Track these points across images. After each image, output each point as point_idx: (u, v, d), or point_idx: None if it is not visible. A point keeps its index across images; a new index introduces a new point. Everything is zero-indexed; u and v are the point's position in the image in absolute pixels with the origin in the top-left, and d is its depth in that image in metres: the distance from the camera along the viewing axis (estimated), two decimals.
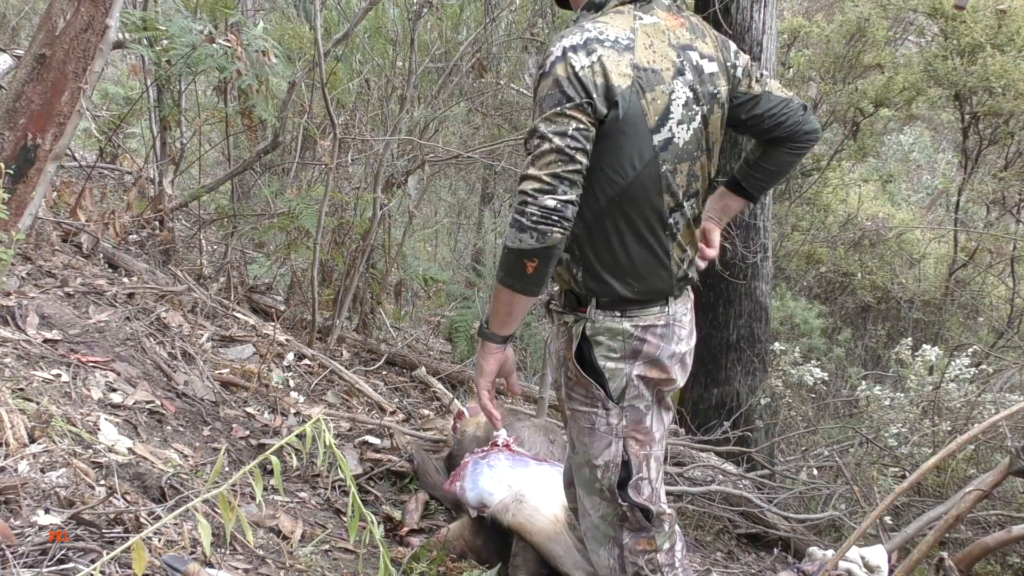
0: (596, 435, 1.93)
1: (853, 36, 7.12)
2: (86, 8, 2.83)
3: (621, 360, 1.89)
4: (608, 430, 1.92)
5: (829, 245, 7.41)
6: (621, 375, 1.90)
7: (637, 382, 1.91)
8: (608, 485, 1.95)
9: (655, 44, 1.86)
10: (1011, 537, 2.84)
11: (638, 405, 1.92)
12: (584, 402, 1.93)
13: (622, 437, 1.93)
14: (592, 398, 1.91)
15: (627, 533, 1.98)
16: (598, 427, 1.93)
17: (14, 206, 2.80)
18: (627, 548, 1.98)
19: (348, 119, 4.83)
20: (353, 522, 1.52)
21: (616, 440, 1.93)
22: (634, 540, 1.98)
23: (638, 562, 1.98)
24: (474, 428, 3.03)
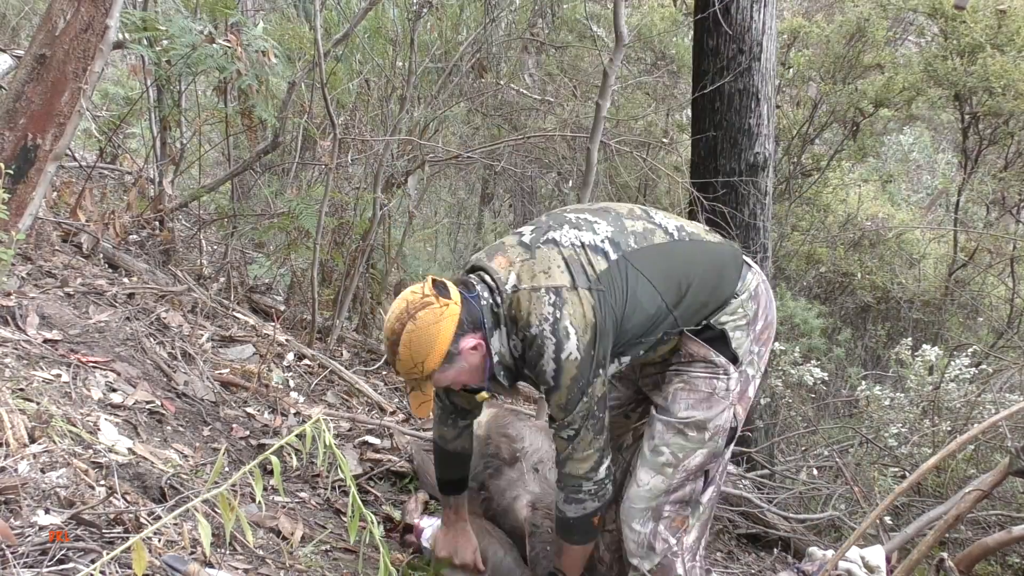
0: (715, 399, 2.13)
1: (853, 36, 7.11)
2: (86, 8, 2.83)
3: (747, 327, 2.14)
4: (726, 395, 2.13)
5: (829, 245, 7.41)
6: (744, 338, 2.14)
7: (753, 346, 2.16)
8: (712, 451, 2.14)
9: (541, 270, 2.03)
10: (1011, 537, 2.85)
11: (749, 372, 2.16)
12: (704, 372, 2.13)
13: (734, 404, 2.15)
14: (713, 365, 2.12)
15: (668, 507, 2.16)
16: (718, 391, 2.13)
17: (14, 206, 2.80)
18: (663, 521, 2.16)
19: (348, 119, 4.83)
20: (353, 522, 1.52)
21: (730, 407, 2.14)
22: (673, 514, 2.16)
23: (669, 539, 2.16)
24: (475, 428, 3.02)
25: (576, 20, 6.49)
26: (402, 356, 1.97)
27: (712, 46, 4.70)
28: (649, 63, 7.77)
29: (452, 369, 2.02)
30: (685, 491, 2.16)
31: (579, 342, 1.96)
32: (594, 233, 2.08)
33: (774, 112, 4.95)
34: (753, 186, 4.67)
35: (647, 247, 2.09)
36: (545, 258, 2.03)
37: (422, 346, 1.95)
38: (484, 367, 2.05)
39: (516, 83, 6.56)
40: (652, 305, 2.05)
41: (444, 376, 2.03)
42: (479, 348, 2.02)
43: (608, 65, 3.42)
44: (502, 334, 2.04)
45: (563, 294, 1.97)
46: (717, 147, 4.72)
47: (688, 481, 2.16)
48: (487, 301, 2.04)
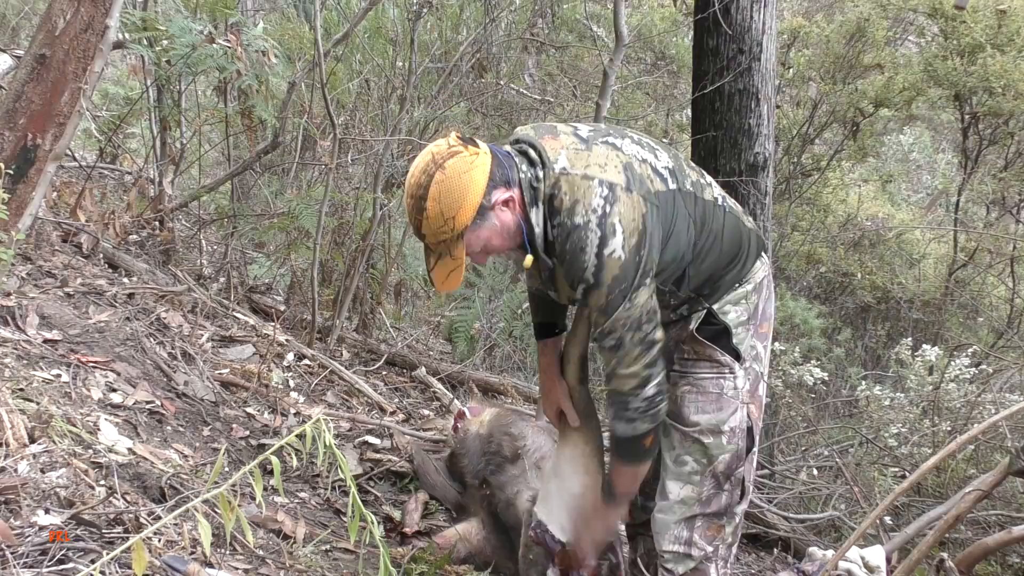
0: (724, 400, 2.06)
1: (853, 36, 7.11)
2: (86, 8, 2.83)
3: (747, 323, 2.07)
4: (735, 394, 2.06)
5: (829, 245, 7.41)
6: (746, 335, 2.07)
7: (754, 341, 2.09)
8: (734, 451, 2.07)
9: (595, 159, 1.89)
10: (1011, 537, 2.84)
11: (756, 368, 2.09)
12: (709, 372, 2.07)
13: (746, 403, 2.08)
14: (718, 365, 2.06)
15: (701, 518, 2.10)
16: (726, 392, 2.06)
17: (14, 206, 2.80)
18: (697, 531, 2.10)
19: (348, 119, 4.83)
20: (353, 522, 1.52)
21: (742, 406, 2.07)
22: (706, 524, 2.10)
23: (706, 548, 2.10)
24: (477, 427, 3.03)
25: (576, 20, 6.48)
26: (430, 213, 1.76)
27: (712, 46, 4.70)
28: (649, 63, 7.77)
29: (484, 227, 1.84)
30: (721, 502, 2.10)
31: (625, 242, 1.80)
32: (656, 158, 1.97)
33: (774, 112, 4.95)
34: (753, 186, 4.67)
35: (696, 196, 1.99)
36: (603, 154, 1.88)
37: (453, 198, 1.75)
38: (517, 229, 1.87)
39: (516, 83, 6.55)
40: (682, 247, 1.95)
41: (476, 236, 1.84)
42: (511, 204, 1.85)
43: (608, 65, 3.42)
44: (539, 213, 1.87)
45: (617, 191, 1.82)
46: (717, 147, 4.71)
47: (720, 489, 2.09)
48: (526, 175, 1.87)
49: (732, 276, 2.06)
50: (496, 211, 1.83)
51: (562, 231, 1.84)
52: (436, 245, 1.83)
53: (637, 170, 1.89)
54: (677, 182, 1.96)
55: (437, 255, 1.84)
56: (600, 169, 1.85)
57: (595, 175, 1.84)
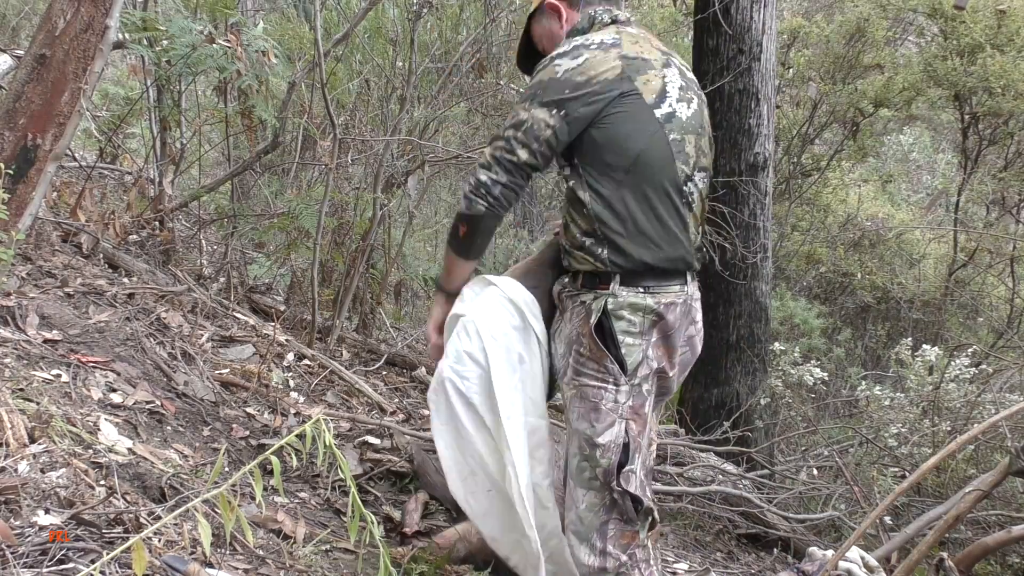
0: (602, 413, 2.00)
1: (853, 36, 7.12)
2: (86, 8, 2.83)
3: (640, 336, 1.98)
4: (614, 408, 1.99)
5: (829, 245, 7.41)
6: (637, 350, 1.98)
7: (649, 360, 2.00)
8: (606, 466, 2.00)
9: (640, 43, 2.05)
10: (1011, 537, 2.85)
11: (643, 387, 2.01)
12: (595, 377, 2.00)
13: (625, 419, 2.00)
14: (604, 372, 1.99)
15: (612, 524, 2.03)
16: (605, 404, 1.99)
17: (14, 206, 2.80)
18: (610, 540, 2.02)
19: (348, 119, 4.83)
20: (353, 522, 1.52)
21: (620, 420, 1.99)
22: (619, 531, 2.03)
23: (620, 557, 2.02)
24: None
25: None
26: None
27: (712, 46, 4.70)
28: None
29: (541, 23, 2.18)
30: (624, 509, 2.02)
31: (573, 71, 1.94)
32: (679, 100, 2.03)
33: (774, 112, 4.95)
34: (753, 186, 4.67)
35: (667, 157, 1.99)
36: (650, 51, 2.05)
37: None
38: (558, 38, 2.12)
39: (516, 83, 6.55)
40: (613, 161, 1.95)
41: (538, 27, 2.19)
42: (559, 14, 2.14)
43: None
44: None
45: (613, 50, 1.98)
46: (717, 147, 4.71)
47: (606, 496, 2.02)
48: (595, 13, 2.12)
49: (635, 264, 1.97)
50: (548, 12, 2.16)
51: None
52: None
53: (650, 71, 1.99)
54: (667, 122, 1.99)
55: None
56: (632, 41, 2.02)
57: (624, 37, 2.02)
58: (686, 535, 3.66)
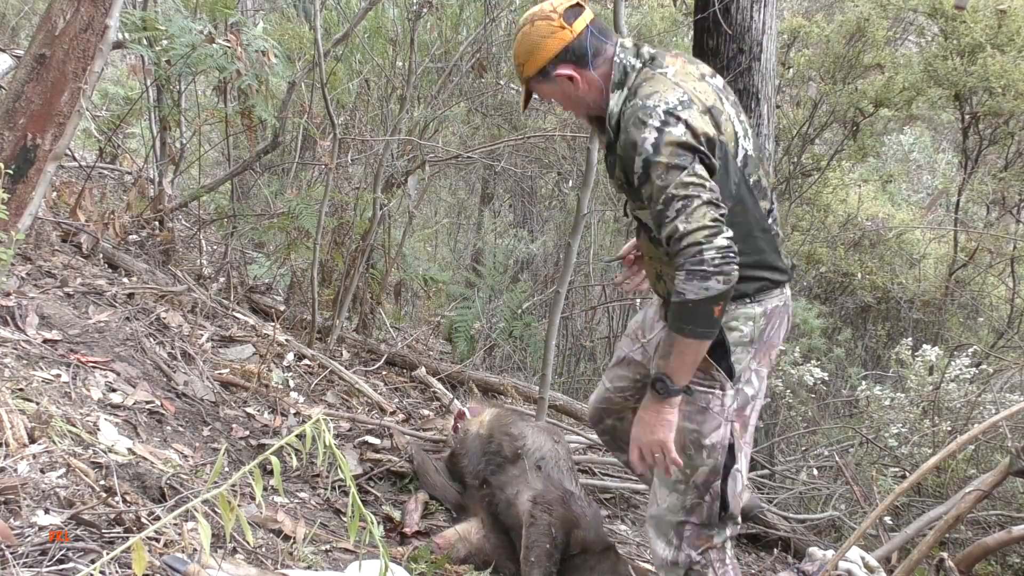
0: (709, 415, 2.09)
1: (853, 36, 7.11)
2: (86, 8, 2.83)
3: (749, 344, 2.09)
4: (721, 411, 2.09)
5: (829, 245, 7.40)
6: (744, 356, 2.09)
7: (752, 364, 2.11)
8: (712, 466, 2.10)
9: (696, 86, 2.03)
10: (1011, 537, 2.85)
11: (747, 391, 2.11)
12: (703, 384, 2.08)
13: (731, 421, 2.09)
14: (711, 380, 2.08)
15: (689, 527, 2.13)
16: (712, 407, 2.08)
17: (14, 206, 2.80)
18: (686, 540, 2.13)
19: (348, 119, 4.83)
20: (353, 522, 1.52)
21: (726, 423, 2.09)
22: (695, 534, 2.13)
23: (693, 555, 2.13)
24: (477, 427, 3.03)
25: None
26: (516, 50, 2.13)
27: (712, 46, 4.70)
28: None
29: (548, 86, 2.11)
30: (703, 513, 2.12)
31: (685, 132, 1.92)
32: (745, 137, 2.10)
33: (774, 112, 4.95)
34: None
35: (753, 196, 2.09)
36: (706, 90, 2.04)
37: (526, 51, 2.09)
38: (586, 102, 2.11)
39: (516, 83, 6.55)
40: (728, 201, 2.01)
41: (542, 89, 2.14)
42: (575, 81, 2.07)
43: None
44: (620, 96, 2.05)
45: (694, 106, 1.96)
46: None
47: (702, 500, 2.12)
48: (623, 61, 2.07)
49: (747, 287, 2.05)
50: (559, 81, 2.09)
51: (632, 109, 1.98)
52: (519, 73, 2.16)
53: (722, 119, 2.02)
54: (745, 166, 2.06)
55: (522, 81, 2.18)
56: (694, 89, 2.00)
57: (685, 86, 1.99)
58: None
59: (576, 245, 3.55)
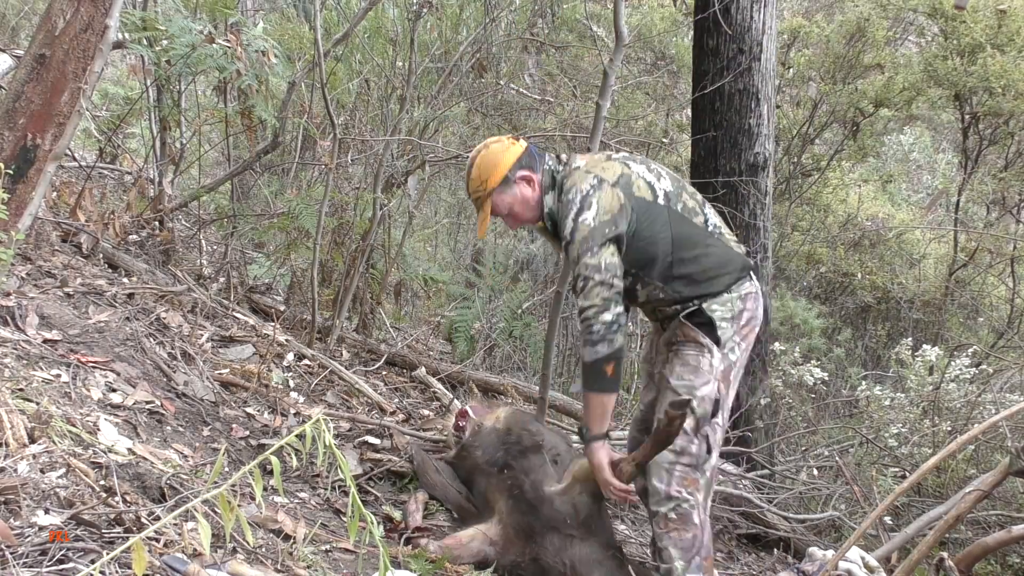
0: (700, 372, 2.49)
1: (853, 36, 7.11)
2: (86, 8, 2.83)
3: (731, 320, 2.52)
4: (710, 370, 2.50)
5: (829, 245, 7.40)
6: (729, 328, 2.52)
7: (735, 337, 2.52)
8: (700, 415, 2.48)
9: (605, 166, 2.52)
10: (1011, 537, 2.85)
11: (731, 357, 2.52)
12: (693, 350, 2.51)
13: (717, 380, 2.50)
14: (700, 346, 2.51)
15: (679, 467, 2.48)
16: (703, 366, 2.50)
17: (14, 206, 2.80)
18: (676, 479, 2.48)
19: (348, 119, 4.83)
20: (353, 522, 1.52)
21: (713, 381, 2.49)
22: (683, 474, 2.48)
23: (682, 493, 2.49)
24: (493, 422, 3.04)
25: (576, 20, 6.48)
26: (473, 175, 2.55)
27: (712, 46, 4.70)
28: (649, 63, 7.77)
29: (508, 194, 2.54)
30: (692, 453, 2.48)
31: (597, 216, 2.40)
32: (658, 180, 2.56)
33: (774, 112, 4.95)
34: (753, 186, 4.67)
35: (686, 219, 2.54)
36: (612, 165, 2.53)
37: (488, 166, 2.53)
38: (535, 203, 2.56)
39: (516, 83, 6.55)
40: (659, 249, 2.49)
41: (502, 199, 2.55)
42: (531, 182, 2.54)
43: (608, 65, 3.41)
44: (552, 196, 2.55)
45: (604, 184, 2.45)
46: (717, 147, 4.71)
47: (690, 443, 2.48)
48: (550, 167, 2.57)
49: (716, 287, 2.52)
50: (518, 184, 2.54)
51: (560, 205, 2.50)
52: (476, 201, 2.58)
53: (632, 180, 2.51)
54: (668, 202, 2.53)
55: (477, 206, 2.60)
56: (601, 170, 2.51)
57: (594, 172, 2.50)
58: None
59: None
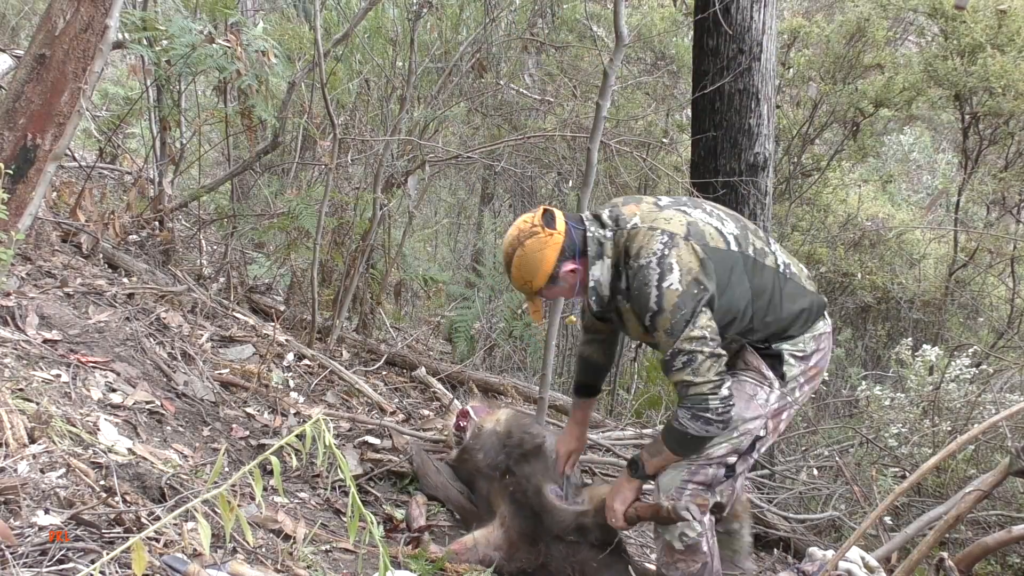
0: (752, 405, 2.37)
1: (853, 36, 7.11)
2: (86, 8, 2.83)
3: (802, 359, 2.42)
4: (763, 404, 2.38)
5: (829, 245, 7.40)
6: (796, 367, 2.41)
7: (801, 377, 2.42)
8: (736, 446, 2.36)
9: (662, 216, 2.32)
10: (1011, 537, 2.84)
11: (788, 398, 2.41)
12: (754, 379, 2.39)
13: (767, 417, 2.38)
14: (763, 377, 2.39)
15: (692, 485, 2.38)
16: (758, 398, 2.38)
17: (14, 206, 2.80)
18: (687, 496, 2.38)
19: (348, 119, 4.83)
20: (353, 522, 1.52)
21: (763, 418, 2.38)
22: (693, 494, 2.37)
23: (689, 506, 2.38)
24: (493, 424, 3.03)
25: (576, 20, 6.48)
26: (514, 276, 2.37)
27: (712, 46, 4.70)
28: (649, 63, 7.76)
29: (556, 288, 2.37)
30: (708, 474, 2.37)
31: (682, 278, 2.21)
32: (722, 224, 2.37)
33: (774, 112, 4.95)
34: (753, 186, 4.67)
35: (760, 263, 2.37)
36: (671, 215, 2.33)
37: (529, 268, 2.33)
38: (583, 284, 2.37)
39: (516, 83, 6.55)
40: (739, 303, 2.31)
41: (551, 292, 2.39)
42: (576, 272, 2.35)
43: (608, 65, 3.41)
44: (604, 264, 2.34)
45: (676, 239, 2.25)
46: (717, 147, 4.71)
47: (709, 467, 2.37)
48: (593, 234, 2.35)
49: (792, 331, 2.41)
50: (564, 276, 2.35)
51: (631, 272, 2.29)
52: (522, 292, 2.42)
53: (700, 228, 2.31)
54: (740, 247, 2.34)
55: (526, 297, 2.45)
56: (665, 222, 2.30)
57: (659, 227, 2.29)
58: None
59: None
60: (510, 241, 2.36)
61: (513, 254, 2.34)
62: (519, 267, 2.33)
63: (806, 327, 2.42)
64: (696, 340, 2.21)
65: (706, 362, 2.22)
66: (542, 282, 2.34)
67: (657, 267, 2.23)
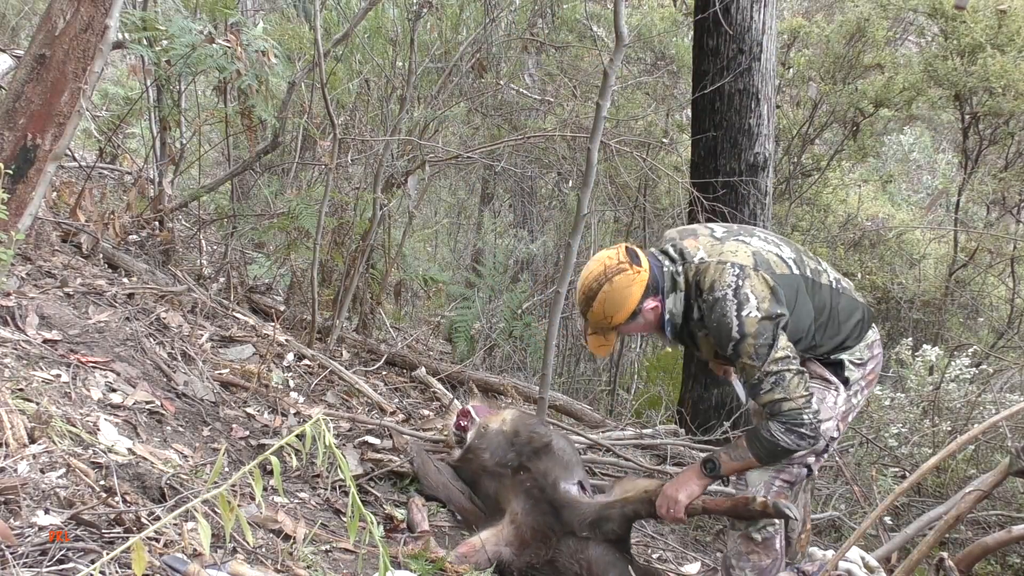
0: (825, 407, 2.50)
1: (853, 36, 7.11)
2: (86, 8, 2.83)
3: (860, 365, 2.57)
4: (833, 407, 2.52)
5: (829, 245, 7.40)
6: (856, 372, 2.57)
7: (861, 381, 2.58)
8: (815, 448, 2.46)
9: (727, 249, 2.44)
10: (1011, 537, 2.84)
11: (852, 401, 2.57)
12: (820, 384, 2.52)
13: (837, 419, 2.53)
14: (828, 383, 2.54)
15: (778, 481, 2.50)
16: (827, 401, 2.52)
17: (14, 206, 2.80)
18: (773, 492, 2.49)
19: (348, 119, 4.83)
20: (353, 522, 1.52)
21: (834, 419, 2.52)
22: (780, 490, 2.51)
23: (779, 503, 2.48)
24: (499, 424, 3.03)
25: (576, 20, 6.49)
26: (595, 310, 2.40)
27: (712, 46, 4.70)
28: (649, 63, 7.76)
29: (635, 323, 2.45)
30: (792, 473, 2.51)
31: (759, 305, 2.33)
32: (779, 250, 2.50)
33: (774, 112, 4.95)
34: (753, 186, 4.67)
35: (817, 283, 2.51)
36: (734, 247, 2.44)
37: (615, 305, 2.39)
38: (658, 322, 2.47)
39: (516, 83, 6.55)
40: (805, 323, 2.45)
41: (628, 327, 2.48)
42: (657, 309, 2.44)
43: (608, 65, 3.41)
44: (677, 297, 2.44)
45: (747, 270, 2.37)
46: (717, 147, 4.71)
47: (794, 466, 2.50)
48: (668, 268, 2.45)
49: (849, 343, 2.55)
50: (644, 313, 2.43)
51: (707, 305, 2.39)
52: (596, 327, 2.46)
53: (764, 256, 2.44)
54: (800, 269, 2.49)
55: (595, 331, 2.48)
56: (732, 255, 2.42)
57: (728, 259, 2.40)
58: (686, 535, 3.66)
59: (576, 245, 3.55)
60: (595, 276, 2.40)
61: (599, 290, 2.38)
62: (604, 302, 2.38)
63: (860, 337, 2.56)
64: (781, 360, 2.33)
65: (794, 379, 2.34)
66: (623, 318, 2.41)
67: (734, 298, 2.34)
